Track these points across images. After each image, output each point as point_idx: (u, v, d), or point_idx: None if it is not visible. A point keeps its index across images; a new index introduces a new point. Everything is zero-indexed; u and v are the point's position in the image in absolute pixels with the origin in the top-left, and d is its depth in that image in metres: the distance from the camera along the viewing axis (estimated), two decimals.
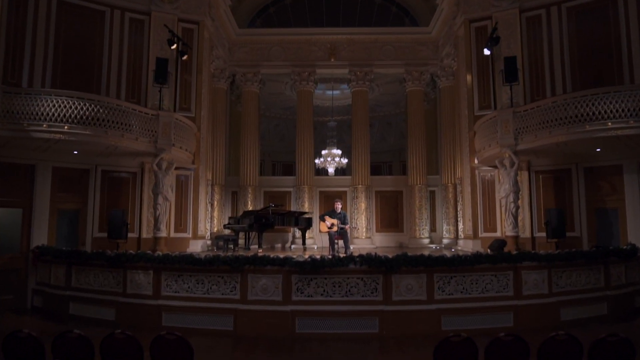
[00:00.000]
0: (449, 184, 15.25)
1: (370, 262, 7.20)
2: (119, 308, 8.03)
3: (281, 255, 7.42)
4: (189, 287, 7.70)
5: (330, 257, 10.27)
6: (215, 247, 12.13)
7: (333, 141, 21.67)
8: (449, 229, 15.16)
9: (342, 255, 9.77)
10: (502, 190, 9.86)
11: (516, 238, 9.99)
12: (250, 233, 13.04)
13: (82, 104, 8.72)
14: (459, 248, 12.91)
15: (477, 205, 11.89)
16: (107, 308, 8.18)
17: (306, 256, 8.21)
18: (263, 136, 24.07)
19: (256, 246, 12.14)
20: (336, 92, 20.97)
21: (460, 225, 13.20)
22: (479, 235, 11.81)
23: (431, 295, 7.35)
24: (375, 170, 16.22)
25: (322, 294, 7.29)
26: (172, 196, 10.15)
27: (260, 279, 7.39)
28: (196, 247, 11.87)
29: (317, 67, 16.20)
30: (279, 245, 15.98)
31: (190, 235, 11.93)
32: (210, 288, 7.60)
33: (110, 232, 9.27)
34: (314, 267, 7.19)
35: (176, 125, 10.49)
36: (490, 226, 11.71)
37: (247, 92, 16.24)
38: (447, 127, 15.44)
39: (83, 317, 8.40)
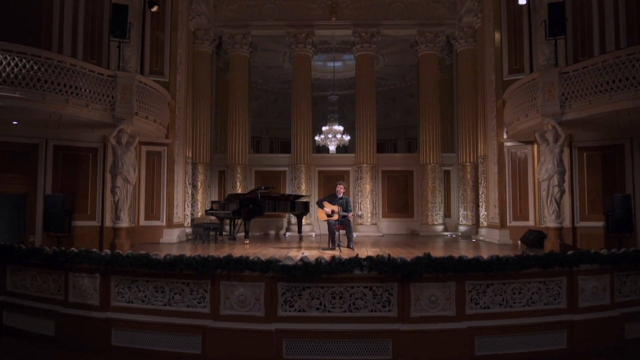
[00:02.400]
0: (467, 163, 13.52)
1: (382, 267, 5.51)
2: (59, 321, 6.41)
3: (263, 257, 5.74)
4: (145, 296, 6.06)
5: (329, 249, 8.64)
6: (196, 237, 10.47)
7: (334, 116, 20.77)
8: (466, 215, 13.48)
9: (342, 251, 8.10)
10: (544, 170, 8.10)
11: (560, 230, 8.27)
12: (237, 220, 11.35)
13: (9, 58, 6.92)
14: (481, 238, 11.24)
15: (506, 189, 10.16)
16: (46, 320, 6.56)
17: (298, 256, 6.54)
18: (261, 112, 23.08)
19: (244, 234, 10.47)
20: (337, 63, 19.53)
21: (483, 212, 11.50)
22: (507, 224, 10.12)
23: (461, 310, 5.69)
24: (379, 148, 14.54)
25: (317, 308, 5.63)
26: (134, 177, 8.42)
27: (237, 287, 5.71)
28: (171, 238, 10.22)
29: (316, 27, 14.28)
30: (272, 232, 14.34)
31: (164, 224, 10.27)
32: (173, 298, 5.95)
33: (47, 223, 7.53)
34: (307, 273, 5.50)
35: (141, 90, 8.70)
36: (521, 214, 10.01)
37: (235, 56, 14.35)
38: (466, 97, 13.61)
39: (18, 331, 6.80)
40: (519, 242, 9.71)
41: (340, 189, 8.84)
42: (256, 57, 18.37)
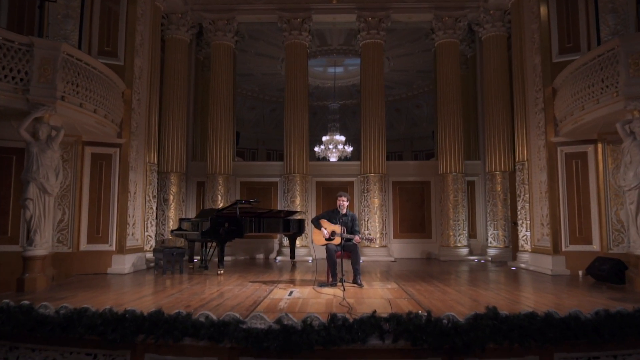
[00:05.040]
0: (497, 172, 11.36)
1: (419, 335, 3.28)
2: None
3: (231, 299, 3.56)
4: None
5: (328, 285, 6.38)
6: (156, 266, 8.24)
7: (335, 125, 19.67)
8: (497, 235, 11.24)
9: (346, 290, 5.84)
10: (631, 176, 5.90)
11: None
12: (211, 242, 9.15)
13: None
14: (523, 265, 8.98)
15: (559, 202, 7.96)
16: None
17: (283, 298, 4.43)
18: (257, 122, 22.47)
19: (218, 261, 8.23)
20: (339, 69, 18.24)
21: (524, 232, 9.27)
22: (562, 249, 7.89)
23: None
24: None
25: None
26: (54, 186, 6.22)
27: None
28: (122, 266, 7.99)
29: (314, 11, 12.22)
30: (261, 255, 12.11)
31: (114, 248, 8.03)
32: None
33: None
34: (288, 344, 3.26)
35: (73, 68, 6.57)
36: (582, 235, 7.78)
37: (217, 45, 12.27)
38: (494, 91, 11.54)
39: None
40: (581, 272, 7.50)
41: (343, 202, 6.65)
42: (251, 64, 17.13)
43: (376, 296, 5.58)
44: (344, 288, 5.95)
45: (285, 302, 5.03)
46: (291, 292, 5.84)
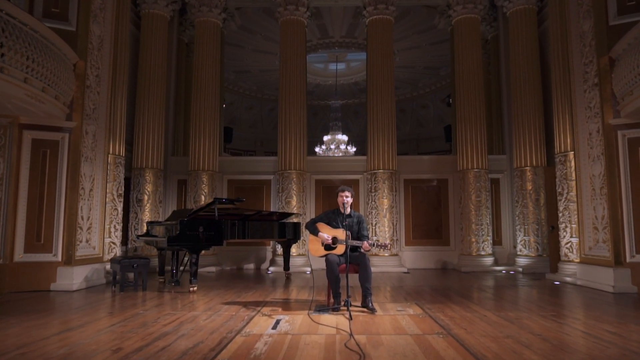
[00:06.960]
0: (527, 167, 9.78)
1: None
2: None
3: (201, 330, 1.97)
4: None
5: (329, 310, 4.80)
6: (114, 281, 6.64)
7: (337, 124, 18.69)
8: (528, 242, 9.64)
9: (352, 318, 4.24)
10: None
11: None
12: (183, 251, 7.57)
13: None
14: (568, 279, 7.37)
15: (621, 201, 6.38)
16: None
17: (266, 331, 2.92)
18: (255, 123, 21.19)
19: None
20: (341, 65, 17.10)
21: (568, 238, 7.66)
22: (625, 260, 6.29)
23: None
24: None
25: None
26: None
27: None
28: (70, 281, 6.41)
29: None
30: (251, 265, 10.53)
31: (60, 259, 6.45)
32: None
33: None
34: None
35: None
36: None
37: (202, 22, 10.73)
38: (522, 74, 9.99)
39: None
40: None
41: (347, 199, 5.10)
42: (249, 60, 16.30)
43: (397, 329, 3.98)
44: (350, 316, 4.36)
45: (264, 344, 3.43)
46: (277, 323, 4.23)
